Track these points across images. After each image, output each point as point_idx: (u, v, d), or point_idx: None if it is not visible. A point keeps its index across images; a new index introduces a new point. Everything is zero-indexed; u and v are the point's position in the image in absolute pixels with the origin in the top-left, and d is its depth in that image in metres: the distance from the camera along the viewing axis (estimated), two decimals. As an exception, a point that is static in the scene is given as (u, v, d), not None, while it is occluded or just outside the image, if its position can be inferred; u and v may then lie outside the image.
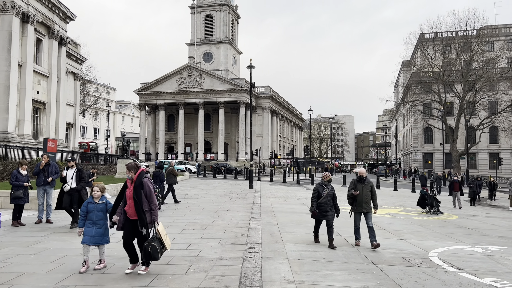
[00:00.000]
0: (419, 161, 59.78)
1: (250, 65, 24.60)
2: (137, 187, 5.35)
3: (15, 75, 24.65)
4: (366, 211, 8.35)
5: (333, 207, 8.33)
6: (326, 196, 8.20)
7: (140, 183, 5.41)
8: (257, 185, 25.95)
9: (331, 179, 8.61)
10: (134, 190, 5.33)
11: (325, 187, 8.32)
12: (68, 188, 9.14)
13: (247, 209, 13.44)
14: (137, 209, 5.29)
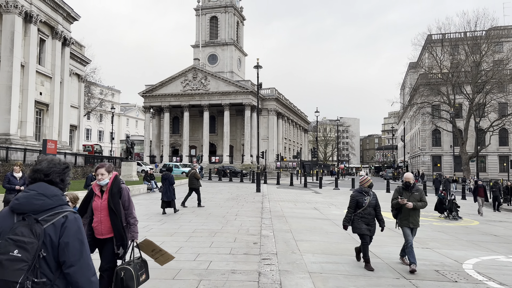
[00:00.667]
0: (428, 164, 58.78)
1: (257, 64, 23.95)
2: (115, 195, 4.07)
3: (17, 75, 24.13)
4: (414, 226, 6.81)
5: (375, 219, 6.78)
6: (368, 206, 6.67)
7: (119, 189, 4.18)
8: (264, 188, 25.24)
9: (373, 184, 7.17)
10: (111, 198, 4.03)
11: (365, 195, 6.76)
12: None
13: (256, 214, 12.74)
14: (114, 223, 3.98)
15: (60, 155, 25.71)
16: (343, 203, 18.46)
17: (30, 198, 2.13)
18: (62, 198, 2.24)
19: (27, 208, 2.10)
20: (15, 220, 2.09)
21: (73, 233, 2.12)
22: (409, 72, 79.78)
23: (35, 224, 2.05)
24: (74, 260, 2.09)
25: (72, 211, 2.22)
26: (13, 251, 1.97)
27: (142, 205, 14.98)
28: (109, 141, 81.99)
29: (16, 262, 1.96)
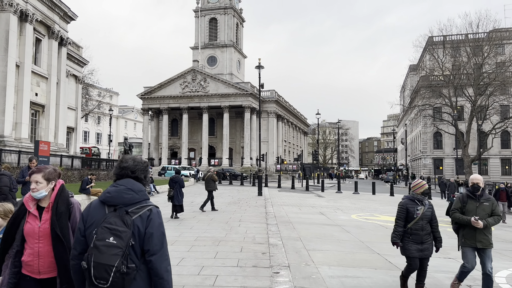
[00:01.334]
0: (429, 167, 58.21)
1: (259, 64, 23.33)
2: (62, 215, 2.82)
3: (12, 75, 23.46)
4: (484, 246, 5.36)
5: (431, 236, 5.34)
6: (421, 218, 5.16)
7: (67, 206, 2.91)
8: (265, 192, 24.58)
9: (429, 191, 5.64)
10: (56, 220, 2.78)
11: (418, 204, 5.23)
12: None
13: (261, 219, 12.08)
14: (60, 257, 2.75)
15: (55, 158, 25.01)
16: (349, 208, 17.82)
17: (120, 192, 2.34)
18: (146, 193, 2.42)
19: (117, 201, 2.31)
20: (107, 211, 2.30)
21: (157, 225, 2.33)
22: (409, 75, 79.37)
23: (125, 215, 2.25)
24: (156, 249, 2.29)
25: (155, 205, 2.40)
26: (109, 238, 2.16)
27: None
28: (107, 143, 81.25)
29: (112, 248, 2.14)
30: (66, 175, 23.88)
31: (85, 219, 2.38)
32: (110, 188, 2.39)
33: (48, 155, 11.17)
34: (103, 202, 2.36)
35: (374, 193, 29.29)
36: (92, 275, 2.15)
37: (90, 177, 13.97)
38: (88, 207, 2.45)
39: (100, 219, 2.28)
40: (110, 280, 2.14)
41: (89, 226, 2.33)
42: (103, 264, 2.13)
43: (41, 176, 2.91)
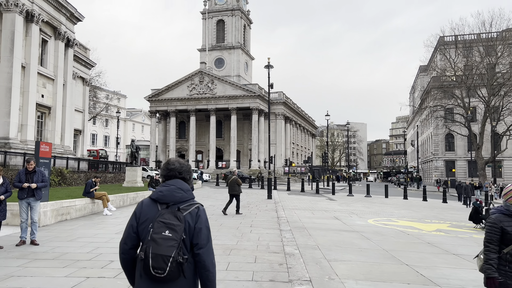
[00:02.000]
0: (441, 169, 57.05)
1: (268, 64, 22.69)
2: None
3: (17, 77, 23.08)
4: None
5: None
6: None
7: None
8: (275, 195, 23.91)
9: None
10: None
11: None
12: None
13: (273, 224, 11.40)
14: None
15: (61, 160, 24.58)
16: (363, 212, 17.06)
17: (171, 191, 2.54)
18: (192, 192, 2.64)
19: (169, 199, 2.50)
20: (159, 209, 2.49)
21: (204, 221, 2.55)
22: (419, 75, 78.21)
23: (177, 212, 2.47)
24: (204, 243, 2.48)
25: (201, 204, 2.60)
26: (165, 232, 2.37)
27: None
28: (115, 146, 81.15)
29: (168, 240, 2.35)
30: (72, 177, 23.44)
31: (137, 216, 2.55)
32: (161, 187, 2.58)
33: (49, 156, 10.61)
34: (155, 200, 2.55)
35: (386, 196, 28.45)
36: (150, 265, 2.31)
37: (94, 180, 13.41)
38: (140, 205, 2.61)
39: (154, 215, 2.47)
40: (167, 269, 2.31)
41: (143, 223, 2.51)
42: (161, 255, 2.30)
43: None
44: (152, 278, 2.36)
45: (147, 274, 2.36)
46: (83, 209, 12.55)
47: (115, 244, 7.89)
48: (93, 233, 9.38)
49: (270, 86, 22.96)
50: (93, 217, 12.39)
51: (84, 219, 11.85)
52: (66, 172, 22.95)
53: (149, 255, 2.32)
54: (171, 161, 2.73)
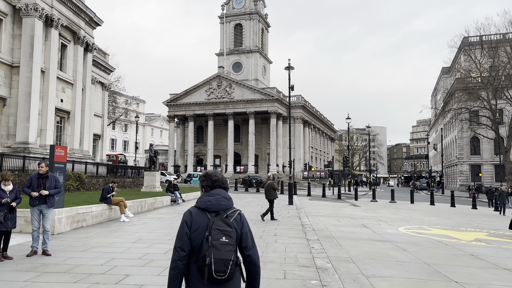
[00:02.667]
0: (466, 174, 55.13)
1: (288, 66, 22.02)
2: None
3: (37, 81, 23.06)
4: None
5: None
6: None
7: None
8: (296, 201, 23.15)
9: None
10: None
11: None
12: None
13: (298, 233, 10.69)
14: None
15: (80, 165, 24.42)
16: (392, 219, 16.15)
17: (218, 200, 2.79)
18: (232, 199, 2.92)
19: (217, 207, 2.76)
20: (209, 217, 2.72)
21: (247, 225, 2.84)
22: (442, 77, 76.25)
23: (226, 219, 2.70)
24: (251, 245, 2.79)
25: (239, 210, 2.86)
26: (222, 238, 2.60)
27: (164, 220, 13.15)
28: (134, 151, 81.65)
29: (226, 245, 2.58)
30: (90, 182, 23.20)
31: (189, 225, 2.73)
32: (208, 197, 2.79)
33: (65, 161, 10.16)
34: (204, 209, 2.75)
35: (412, 202, 27.33)
36: (213, 269, 2.52)
37: (112, 185, 12.96)
38: (189, 214, 2.78)
39: (205, 223, 2.68)
40: (228, 271, 2.54)
41: (195, 230, 2.70)
42: (222, 259, 2.53)
43: None
44: (212, 281, 2.56)
45: (208, 278, 2.55)
46: (100, 216, 12.09)
47: (131, 255, 7.33)
48: (109, 242, 8.86)
49: (291, 88, 22.26)
50: (110, 224, 11.92)
51: (100, 226, 11.38)
52: (85, 177, 22.72)
53: (212, 260, 2.52)
54: (213, 173, 2.96)
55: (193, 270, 2.67)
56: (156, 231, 10.59)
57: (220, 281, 2.57)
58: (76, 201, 13.54)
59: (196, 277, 2.65)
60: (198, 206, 2.79)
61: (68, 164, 23.23)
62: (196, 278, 2.65)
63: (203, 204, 2.78)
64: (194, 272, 2.67)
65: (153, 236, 9.72)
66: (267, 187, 14.05)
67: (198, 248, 2.66)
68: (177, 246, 2.73)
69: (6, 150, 21.53)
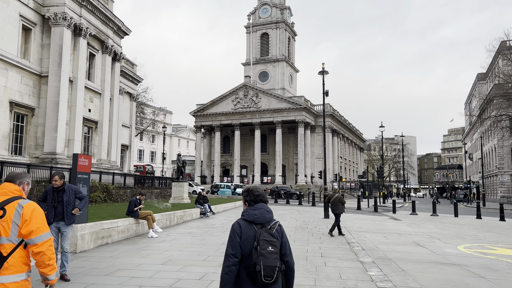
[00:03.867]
0: (507, 185, 51.86)
1: (322, 70, 20.79)
2: None
3: (65, 91, 22.75)
4: None
5: None
6: None
7: None
8: (331, 214, 21.65)
9: None
10: None
11: None
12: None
13: (347, 253, 9.37)
14: None
15: (107, 175, 23.84)
16: (443, 235, 14.52)
17: (262, 214, 3.15)
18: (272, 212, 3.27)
19: (262, 220, 3.12)
20: (256, 228, 3.06)
21: (285, 235, 3.20)
22: (477, 84, 72.93)
23: (270, 230, 3.06)
24: (289, 253, 3.13)
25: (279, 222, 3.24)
26: (268, 247, 2.96)
27: (195, 236, 12.08)
28: (161, 161, 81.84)
29: (272, 254, 2.95)
30: (118, 193, 22.52)
31: (239, 235, 3.07)
32: (253, 211, 3.17)
33: (89, 171, 9.29)
34: (251, 221, 3.12)
35: (456, 216, 25.31)
36: (263, 275, 2.89)
37: (139, 197, 12.03)
38: (238, 226, 3.12)
39: (253, 234, 3.04)
40: (275, 276, 2.91)
41: (245, 240, 3.05)
42: (269, 266, 2.91)
43: None
44: (260, 285, 2.92)
45: (257, 282, 2.92)
46: (126, 231, 11.15)
47: (161, 281, 6.24)
48: (136, 263, 7.82)
49: (325, 93, 20.96)
50: (137, 240, 10.94)
51: (127, 242, 10.41)
52: (112, 188, 22.08)
53: (262, 267, 2.89)
54: (254, 188, 3.35)
55: (243, 275, 2.99)
56: (187, 249, 9.51)
57: (268, 284, 2.90)
58: (101, 214, 12.68)
59: (245, 282, 2.98)
60: (246, 219, 3.14)
61: (95, 174, 22.71)
62: (246, 282, 2.98)
63: (250, 217, 3.12)
64: (243, 277, 2.99)
65: (185, 256, 8.64)
66: (335, 201, 13.48)
67: (247, 256, 2.99)
68: (230, 253, 3.02)
69: (34, 161, 21.16)
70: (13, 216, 2.77)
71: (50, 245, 2.84)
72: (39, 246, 2.78)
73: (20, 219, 2.78)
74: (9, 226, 2.75)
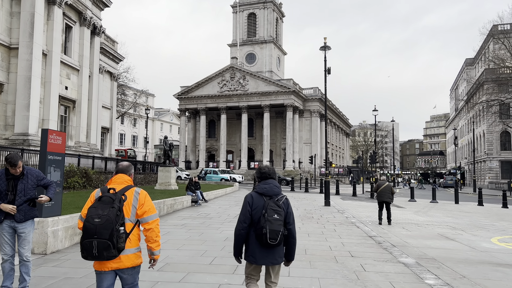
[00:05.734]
0: (495, 170, 51.74)
1: (324, 45, 19.03)
2: None
3: (38, 65, 20.38)
4: None
5: None
6: None
7: None
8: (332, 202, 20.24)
9: None
10: None
11: None
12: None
13: (379, 251, 7.84)
14: None
15: (87, 159, 21.76)
16: (462, 225, 13.22)
17: (271, 187, 3.73)
18: (280, 187, 3.89)
19: (271, 193, 3.71)
20: (265, 200, 3.66)
21: (291, 207, 3.81)
22: (465, 69, 72.52)
23: (277, 201, 3.65)
24: (292, 222, 3.74)
25: (286, 195, 3.83)
26: (274, 215, 3.56)
27: (191, 229, 10.35)
28: (143, 146, 79.20)
29: (277, 220, 3.55)
30: (98, 178, 20.53)
31: (251, 205, 3.69)
32: (263, 185, 3.76)
33: (62, 151, 7.43)
34: (261, 194, 3.71)
35: (457, 202, 24.29)
36: (268, 237, 3.49)
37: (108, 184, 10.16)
38: (250, 197, 3.74)
39: (262, 204, 3.64)
40: (278, 239, 3.53)
41: (255, 209, 3.65)
42: (274, 230, 3.50)
43: None
44: (266, 245, 3.57)
45: (263, 243, 3.56)
46: (110, 224, 9.35)
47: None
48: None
49: (328, 71, 19.20)
50: (123, 234, 9.17)
51: (110, 238, 8.63)
52: (92, 172, 20.08)
53: (268, 230, 3.49)
54: (262, 167, 3.97)
55: (252, 238, 3.66)
56: (186, 248, 7.81)
57: (271, 245, 3.55)
58: (80, 203, 10.81)
59: (254, 242, 3.65)
60: (257, 191, 3.76)
61: (73, 158, 20.58)
62: (254, 243, 3.64)
63: (261, 190, 3.74)
64: (253, 239, 3.65)
65: (185, 257, 6.94)
66: (384, 189, 12.97)
67: (256, 222, 3.62)
68: (241, 220, 3.69)
69: (3, 142, 18.91)
70: (132, 200, 3.36)
71: (157, 224, 3.43)
72: (150, 224, 3.38)
73: (138, 203, 3.37)
74: (130, 208, 3.34)
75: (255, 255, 3.61)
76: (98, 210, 3.13)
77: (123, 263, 3.27)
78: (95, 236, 3.06)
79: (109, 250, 3.08)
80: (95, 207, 3.17)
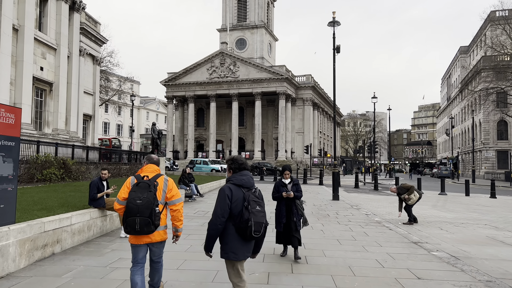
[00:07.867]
0: (491, 160, 50.80)
1: (333, 20, 16.97)
2: None
3: (7, 41, 17.88)
4: None
5: None
6: None
7: None
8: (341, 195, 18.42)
9: None
10: None
11: None
12: None
13: (446, 268, 5.97)
14: None
15: (66, 148, 19.42)
16: (499, 223, 11.47)
17: (249, 179, 3.69)
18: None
19: (248, 184, 3.66)
20: (244, 191, 3.59)
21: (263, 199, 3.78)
22: (459, 58, 71.34)
23: (254, 193, 3.64)
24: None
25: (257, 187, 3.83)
26: (256, 207, 3.53)
27: (192, 233, 8.30)
28: (129, 135, 76.36)
29: (260, 212, 3.54)
30: (79, 170, 18.28)
31: (230, 198, 3.54)
32: (240, 177, 3.67)
33: (17, 135, 5.31)
34: (240, 185, 3.62)
35: (468, 194, 22.74)
36: (253, 229, 3.43)
37: (102, 175, 8.06)
38: (229, 189, 3.60)
39: (241, 196, 3.56)
40: (261, 231, 3.53)
41: (235, 201, 3.54)
42: (259, 222, 3.48)
43: None
44: (249, 238, 3.51)
45: (247, 236, 3.48)
46: (87, 230, 7.25)
47: None
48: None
49: (337, 49, 17.15)
50: (105, 243, 7.10)
51: (87, 250, 6.56)
52: (71, 163, 17.82)
53: (253, 223, 3.43)
54: (238, 158, 3.83)
55: (231, 231, 3.53)
56: (189, 266, 5.78)
57: (255, 238, 3.51)
58: (49, 202, 8.66)
59: (234, 236, 3.53)
60: (235, 183, 3.63)
61: (50, 147, 18.28)
62: (234, 237, 3.53)
63: (239, 181, 3.63)
64: (232, 232, 3.53)
65: (190, 285, 4.91)
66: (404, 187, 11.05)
67: (237, 215, 3.50)
68: (219, 214, 3.50)
69: (-33, 129, 16.45)
70: (163, 186, 3.98)
71: (182, 206, 4.05)
72: (177, 205, 4.01)
73: (167, 188, 4.01)
74: (161, 193, 3.95)
75: (236, 250, 3.54)
76: (138, 193, 3.81)
77: (155, 238, 3.93)
78: (138, 214, 3.72)
79: (149, 226, 3.73)
80: (134, 191, 3.85)
